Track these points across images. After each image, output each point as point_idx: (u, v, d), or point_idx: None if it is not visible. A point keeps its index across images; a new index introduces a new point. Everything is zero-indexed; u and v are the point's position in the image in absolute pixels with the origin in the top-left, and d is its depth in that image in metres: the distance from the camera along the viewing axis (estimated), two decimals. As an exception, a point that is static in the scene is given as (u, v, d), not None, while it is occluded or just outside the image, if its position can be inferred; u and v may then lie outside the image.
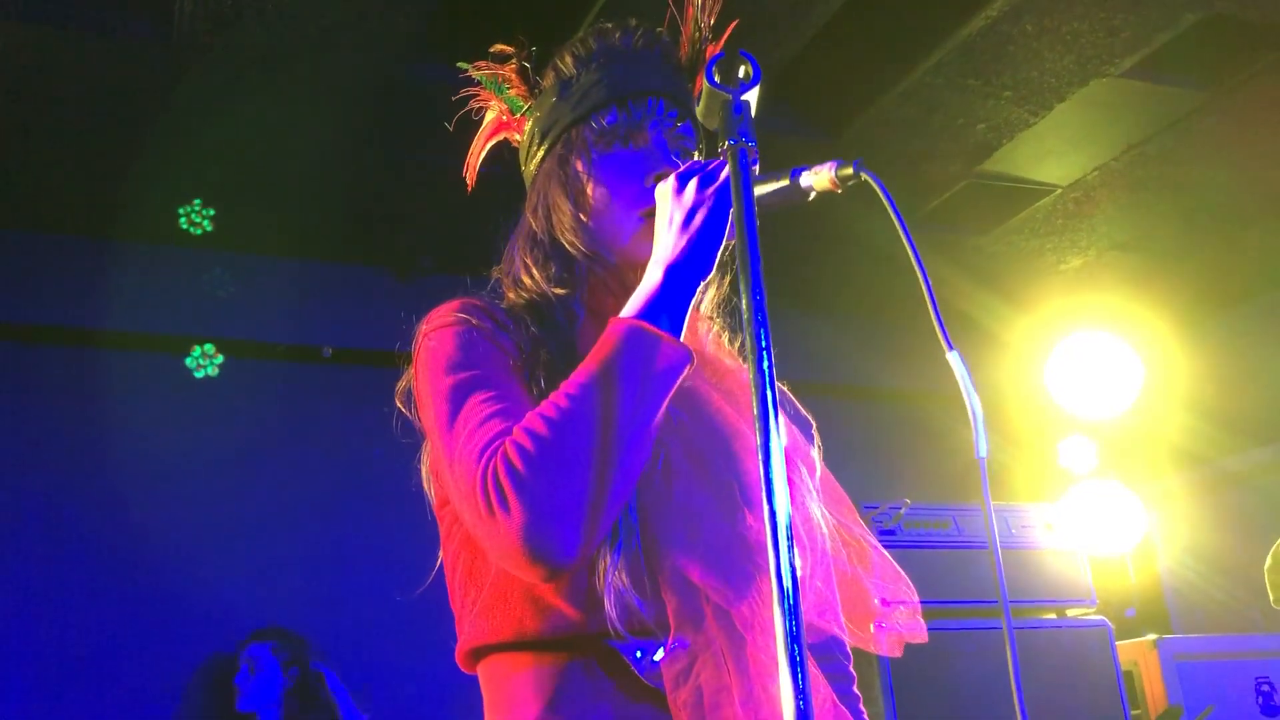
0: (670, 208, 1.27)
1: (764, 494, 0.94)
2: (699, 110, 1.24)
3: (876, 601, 1.35)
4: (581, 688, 1.19)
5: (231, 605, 4.37)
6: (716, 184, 1.25)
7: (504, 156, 1.60)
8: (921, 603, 1.43)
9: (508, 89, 1.55)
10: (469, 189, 1.58)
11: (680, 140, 1.41)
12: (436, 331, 1.30)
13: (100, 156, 4.20)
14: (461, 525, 1.31)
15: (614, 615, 1.15)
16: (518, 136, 1.55)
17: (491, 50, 1.56)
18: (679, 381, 1.20)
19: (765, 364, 0.99)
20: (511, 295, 1.40)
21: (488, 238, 1.54)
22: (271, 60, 3.76)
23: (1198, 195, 4.98)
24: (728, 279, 1.46)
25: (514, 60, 1.54)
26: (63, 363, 4.57)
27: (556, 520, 1.09)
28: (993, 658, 3.12)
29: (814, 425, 1.45)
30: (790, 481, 1.16)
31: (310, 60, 3.78)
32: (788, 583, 0.89)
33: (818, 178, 1.22)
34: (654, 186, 1.34)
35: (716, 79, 1.20)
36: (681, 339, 1.22)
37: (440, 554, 1.39)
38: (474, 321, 1.29)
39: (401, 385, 1.42)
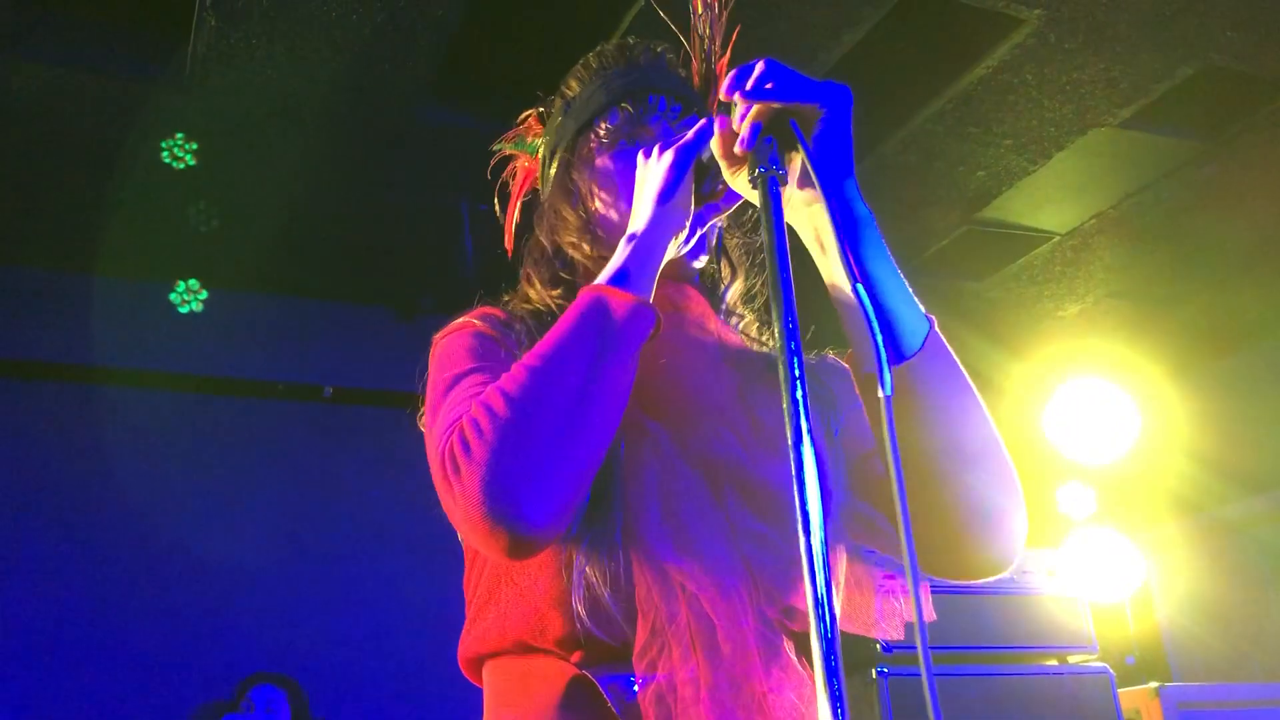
0: (639, 180, 1.27)
1: (802, 538, 0.89)
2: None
3: (880, 580, 1.29)
4: (566, 700, 1.16)
5: (230, 645, 4.34)
6: (676, 144, 1.24)
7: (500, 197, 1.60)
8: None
9: (529, 139, 1.56)
10: (509, 253, 1.56)
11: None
12: (445, 338, 1.32)
13: (104, 194, 4.22)
14: None
15: (582, 611, 1.13)
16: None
17: (517, 121, 1.57)
18: (646, 338, 1.17)
19: (799, 393, 0.94)
20: (519, 311, 1.39)
21: (489, 277, 1.54)
22: (280, 101, 3.80)
23: (1195, 244, 5.02)
24: (759, 279, 1.44)
25: (532, 111, 1.55)
26: (61, 400, 4.57)
27: (512, 482, 1.06)
28: (993, 703, 3.10)
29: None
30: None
31: (319, 102, 3.82)
32: (827, 618, 0.85)
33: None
34: None
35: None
36: (650, 299, 1.20)
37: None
38: (478, 324, 1.30)
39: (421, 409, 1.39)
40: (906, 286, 1.20)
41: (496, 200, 1.59)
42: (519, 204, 1.57)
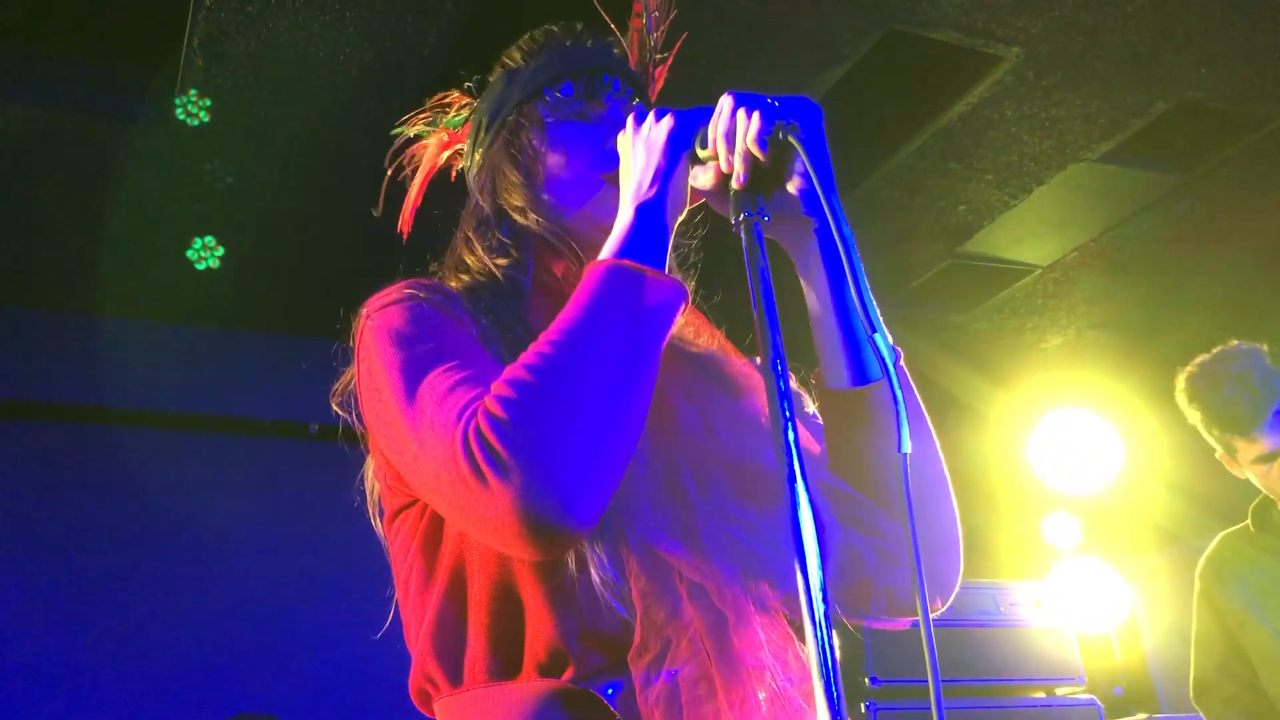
0: (633, 147, 1.19)
1: (801, 582, 0.88)
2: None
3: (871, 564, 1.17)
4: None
5: (214, 685, 4.30)
6: (673, 115, 1.18)
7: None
8: (907, 682, 1.40)
9: (448, 115, 1.51)
10: (404, 236, 1.48)
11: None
12: (380, 311, 1.19)
13: (92, 232, 4.22)
14: (416, 532, 1.19)
15: (598, 581, 1.03)
16: (461, 146, 1.48)
17: (427, 105, 1.53)
18: (676, 318, 1.09)
19: (791, 435, 0.93)
20: (454, 282, 1.31)
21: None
22: (267, 141, 3.82)
23: (1175, 276, 5.07)
24: (690, 280, 1.38)
25: (450, 92, 1.52)
26: (43, 439, 4.54)
27: (563, 476, 0.94)
28: (982, 737, 3.11)
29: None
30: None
31: (305, 140, 3.84)
32: (828, 657, 0.84)
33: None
34: (615, 148, 1.26)
35: None
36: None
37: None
38: (421, 295, 1.19)
39: (339, 385, 1.28)
40: (877, 313, 1.17)
41: (385, 180, 1.52)
42: (424, 184, 1.50)
